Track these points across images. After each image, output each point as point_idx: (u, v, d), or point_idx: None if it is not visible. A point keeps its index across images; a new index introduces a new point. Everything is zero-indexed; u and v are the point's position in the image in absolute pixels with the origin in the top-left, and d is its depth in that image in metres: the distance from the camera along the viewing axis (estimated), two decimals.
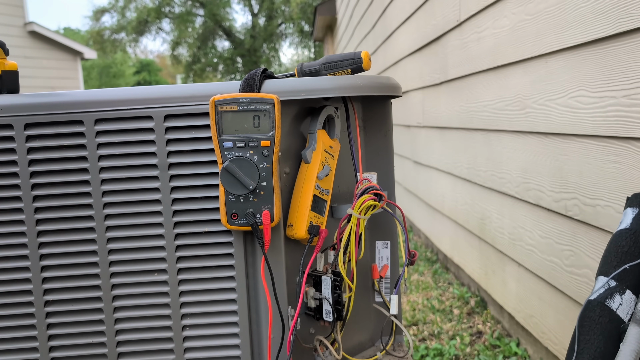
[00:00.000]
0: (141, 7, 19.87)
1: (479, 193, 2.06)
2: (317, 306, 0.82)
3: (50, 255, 0.78)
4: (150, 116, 0.75)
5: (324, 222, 0.82)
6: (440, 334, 1.97)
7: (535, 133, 1.54)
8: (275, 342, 0.79)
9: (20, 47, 8.16)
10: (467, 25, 2.08)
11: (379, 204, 0.81)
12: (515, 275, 1.75)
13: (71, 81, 9.15)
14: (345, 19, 6.83)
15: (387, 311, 0.89)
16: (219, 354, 0.80)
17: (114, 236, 0.77)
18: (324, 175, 0.80)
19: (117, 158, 0.76)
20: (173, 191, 0.77)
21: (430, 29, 2.62)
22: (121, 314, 0.79)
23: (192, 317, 0.80)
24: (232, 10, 28.67)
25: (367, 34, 4.87)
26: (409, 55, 3.16)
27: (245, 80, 0.75)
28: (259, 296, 0.80)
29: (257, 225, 0.74)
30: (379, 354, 0.91)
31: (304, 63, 0.84)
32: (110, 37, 20.39)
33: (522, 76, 1.62)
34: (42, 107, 0.74)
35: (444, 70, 2.44)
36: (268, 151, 0.72)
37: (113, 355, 0.79)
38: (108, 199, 0.76)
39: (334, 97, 0.80)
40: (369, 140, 0.93)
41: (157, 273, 0.78)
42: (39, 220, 0.77)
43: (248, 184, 0.71)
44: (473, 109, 2.06)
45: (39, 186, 0.76)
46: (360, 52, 0.80)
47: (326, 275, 0.80)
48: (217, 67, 20.37)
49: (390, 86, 0.87)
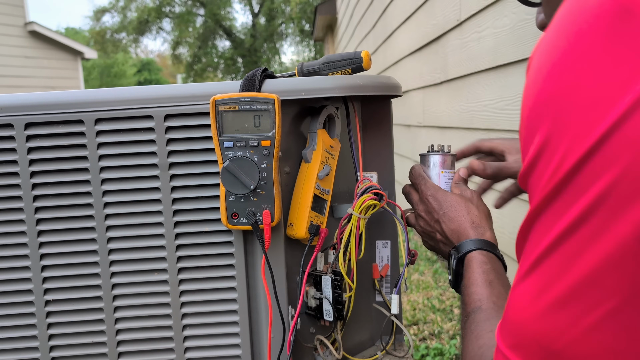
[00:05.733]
0: (142, 7, 19.87)
1: None
2: (317, 306, 0.82)
3: (50, 255, 0.78)
4: (151, 116, 0.75)
5: (324, 222, 0.82)
6: (440, 333, 1.97)
7: None
8: (276, 341, 0.79)
9: (20, 47, 8.16)
10: (468, 25, 2.08)
11: (380, 203, 0.81)
12: (515, 274, 1.75)
13: (72, 81, 9.16)
14: (346, 19, 6.83)
15: (388, 311, 0.89)
16: (219, 353, 0.80)
17: (114, 236, 0.77)
18: (324, 175, 0.80)
19: (117, 158, 0.76)
20: (173, 191, 0.77)
21: (430, 29, 2.62)
22: (121, 313, 0.79)
23: (192, 317, 0.80)
24: (232, 10, 28.69)
25: (367, 33, 4.87)
26: (409, 54, 3.16)
27: (246, 80, 0.75)
28: (259, 296, 0.80)
29: (258, 225, 0.74)
30: (379, 354, 0.91)
31: (304, 63, 0.84)
32: (112, 37, 20.40)
33: (522, 76, 1.62)
34: (42, 107, 0.74)
35: (444, 69, 2.44)
36: (268, 151, 0.72)
37: (113, 355, 0.80)
38: (108, 199, 0.77)
39: (334, 97, 0.80)
40: (369, 140, 0.93)
41: (157, 273, 0.78)
42: (40, 219, 0.77)
43: (248, 184, 0.71)
44: (473, 108, 2.06)
45: (39, 186, 0.76)
46: (361, 51, 0.80)
47: (326, 274, 0.81)
48: (217, 66, 20.37)
49: (391, 86, 0.87)
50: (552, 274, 0.38)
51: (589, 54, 0.35)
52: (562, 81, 0.36)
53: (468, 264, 0.72)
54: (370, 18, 4.55)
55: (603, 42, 0.34)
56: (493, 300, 0.65)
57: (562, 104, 0.36)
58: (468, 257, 0.73)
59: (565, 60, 0.36)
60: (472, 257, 0.72)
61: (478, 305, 0.65)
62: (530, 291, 0.40)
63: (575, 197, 0.35)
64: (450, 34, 2.31)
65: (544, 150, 0.37)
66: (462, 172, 0.86)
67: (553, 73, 0.37)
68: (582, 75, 0.35)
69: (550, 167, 0.37)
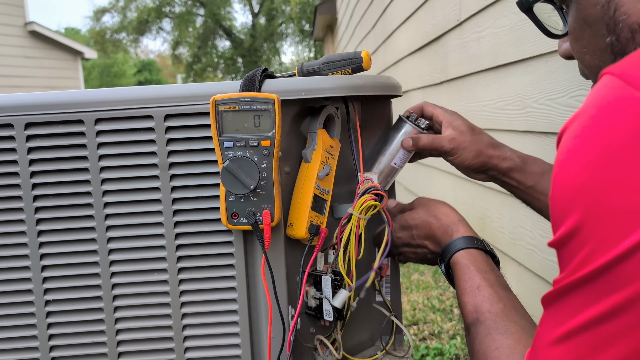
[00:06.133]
0: (142, 7, 19.87)
1: (479, 192, 2.06)
2: (317, 306, 0.82)
3: (50, 255, 0.78)
4: (151, 116, 0.75)
5: (324, 222, 0.82)
6: (440, 333, 1.97)
7: (536, 132, 1.54)
8: (276, 341, 0.79)
9: (20, 47, 8.16)
10: (468, 25, 2.08)
11: (380, 204, 0.81)
12: (515, 274, 1.75)
13: (71, 81, 9.16)
14: (346, 19, 6.83)
15: (387, 311, 0.89)
16: (219, 353, 0.80)
17: (114, 236, 0.77)
18: (324, 175, 0.80)
19: (117, 158, 0.76)
20: (173, 191, 0.77)
21: (430, 29, 2.62)
22: (121, 313, 0.79)
23: (192, 317, 0.80)
24: (232, 9, 28.68)
25: (367, 33, 4.87)
26: (409, 54, 3.16)
27: (246, 80, 0.75)
28: (259, 296, 0.80)
29: (258, 225, 0.74)
30: (379, 354, 0.91)
31: (304, 63, 0.84)
32: (111, 37, 20.40)
33: (522, 76, 1.62)
34: (42, 107, 0.74)
35: (444, 69, 2.44)
36: (268, 151, 0.72)
37: (113, 355, 0.80)
38: (108, 199, 0.77)
39: (334, 97, 0.80)
40: (369, 140, 0.93)
41: (157, 272, 0.78)
42: (40, 219, 0.77)
43: (248, 184, 0.71)
44: (473, 108, 2.06)
45: (39, 186, 0.76)
46: (361, 51, 0.80)
47: (326, 274, 0.81)
48: (217, 66, 20.37)
49: (391, 86, 0.87)
50: (586, 352, 0.43)
51: (626, 164, 0.39)
52: (596, 179, 0.40)
53: (454, 271, 0.74)
54: (370, 18, 4.55)
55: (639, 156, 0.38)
56: (487, 307, 0.66)
57: (595, 200, 0.40)
58: (452, 263, 0.74)
59: (601, 161, 0.40)
60: (455, 263, 0.73)
61: (475, 317, 0.66)
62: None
63: (608, 291, 0.40)
64: (450, 34, 2.31)
65: (575, 235, 0.42)
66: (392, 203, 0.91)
67: (589, 166, 0.41)
68: (616, 181, 0.39)
69: (581, 253, 0.42)
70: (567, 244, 0.43)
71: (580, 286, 0.43)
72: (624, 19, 0.48)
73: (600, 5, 0.49)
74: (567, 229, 0.43)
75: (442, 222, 0.78)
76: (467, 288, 0.69)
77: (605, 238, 0.40)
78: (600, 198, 0.40)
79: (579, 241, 0.42)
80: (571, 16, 0.54)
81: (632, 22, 0.47)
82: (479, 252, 0.74)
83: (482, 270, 0.71)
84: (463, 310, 0.70)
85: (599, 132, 0.41)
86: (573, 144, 0.43)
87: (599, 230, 0.40)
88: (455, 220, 0.78)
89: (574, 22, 0.54)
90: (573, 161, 0.43)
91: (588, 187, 0.41)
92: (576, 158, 0.42)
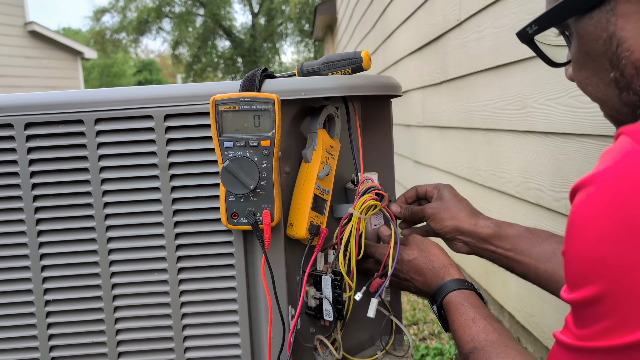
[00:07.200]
0: (141, 7, 19.87)
1: (479, 192, 2.06)
2: (317, 306, 0.82)
3: (50, 255, 0.78)
4: (151, 116, 0.75)
5: (324, 222, 0.82)
6: (440, 333, 1.97)
7: (536, 132, 1.54)
8: (276, 341, 0.79)
9: (20, 47, 8.16)
10: (468, 25, 2.08)
11: (380, 204, 0.81)
12: None
13: (71, 81, 9.16)
14: (346, 19, 6.83)
15: (387, 311, 0.89)
16: (219, 353, 0.80)
17: (114, 236, 0.77)
18: (324, 175, 0.80)
19: (117, 158, 0.76)
20: (173, 191, 0.77)
21: (430, 29, 2.62)
22: (121, 313, 0.79)
23: (192, 317, 0.80)
24: (232, 10, 28.69)
25: (367, 33, 4.87)
26: (409, 54, 3.16)
27: (246, 80, 0.75)
28: (259, 296, 0.80)
29: (258, 225, 0.74)
30: (379, 354, 0.91)
31: (304, 62, 0.84)
32: (111, 37, 20.39)
33: (522, 75, 1.62)
34: (42, 107, 0.74)
35: (444, 69, 2.44)
36: (268, 151, 0.72)
37: (113, 355, 0.80)
38: (108, 199, 0.76)
39: (334, 97, 0.80)
40: (369, 140, 0.93)
41: (157, 272, 0.78)
42: (39, 219, 0.77)
43: (248, 184, 0.71)
44: (473, 108, 2.06)
45: (39, 186, 0.76)
46: (361, 51, 0.80)
47: (326, 274, 0.81)
48: (217, 66, 20.37)
49: (391, 86, 0.87)
50: None
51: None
52: (620, 256, 0.41)
53: (447, 309, 0.76)
54: (370, 18, 4.55)
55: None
56: (483, 337, 0.69)
57: (619, 276, 0.41)
58: (444, 303, 0.77)
59: (623, 236, 0.41)
60: (448, 302, 0.76)
61: (473, 346, 0.69)
62: None
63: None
64: (450, 34, 2.31)
65: (597, 303, 0.43)
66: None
67: (610, 240, 0.41)
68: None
69: (604, 322, 0.43)
70: (588, 308, 0.44)
71: (602, 353, 0.43)
72: (627, 55, 0.47)
73: (602, 40, 0.49)
74: (588, 295, 0.43)
75: (434, 265, 0.81)
76: (462, 321, 0.72)
77: (630, 316, 0.41)
78: (625, 276, 0.41)
79: (603, 311, 0.43)
80: (574, 46, 0.54)
81: (636, 58, 0.47)
82: (470, 292, 0.77)
83: (475, 305, 0.74)
84: (459, 342, 0.72)
85: (618, 205, 0.41)
86: (591, 212, 0.43)
87: (624, 307, 0.41)
88: (446, 263, 0.81)
89: (577, 53, 0.53)
90: (592, 230, 0.43)
91: (611, 263, 0.41)
92: (595, 227, 0.42)
